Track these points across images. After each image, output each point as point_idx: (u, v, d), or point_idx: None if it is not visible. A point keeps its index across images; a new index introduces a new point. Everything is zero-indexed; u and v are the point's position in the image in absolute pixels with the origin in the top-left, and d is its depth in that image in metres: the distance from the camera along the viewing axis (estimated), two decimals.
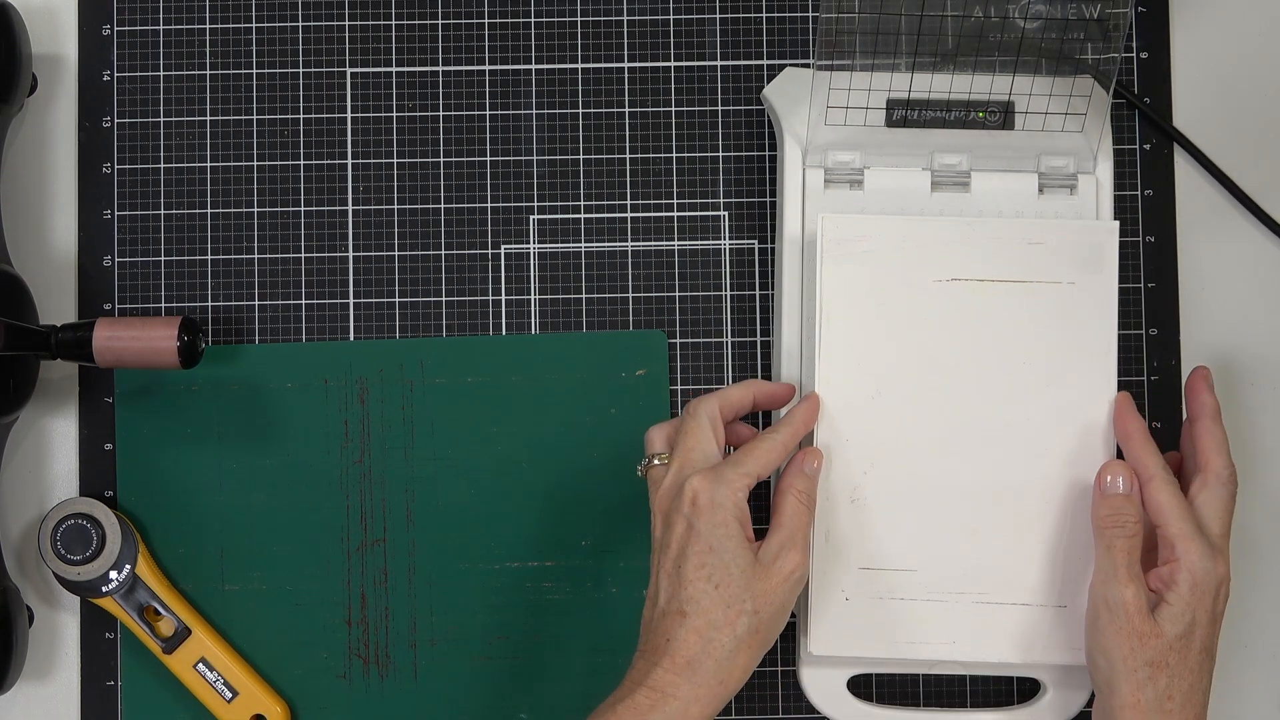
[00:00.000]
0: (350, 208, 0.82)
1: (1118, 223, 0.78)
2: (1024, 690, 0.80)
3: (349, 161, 0.83)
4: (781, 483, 0.74)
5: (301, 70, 0.83)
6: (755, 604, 0.70)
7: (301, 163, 0.82)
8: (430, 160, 0.82)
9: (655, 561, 0.72)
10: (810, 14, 0.83)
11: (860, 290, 0.76)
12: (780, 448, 0.74)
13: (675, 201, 0.82)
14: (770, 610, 0.71)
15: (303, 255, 0.82)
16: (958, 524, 0.76)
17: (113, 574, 0.79)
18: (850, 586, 0.76)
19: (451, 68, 0.83)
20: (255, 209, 0.82)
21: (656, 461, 0.74)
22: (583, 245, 0.82)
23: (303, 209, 0.82)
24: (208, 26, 0.83)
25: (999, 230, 0.77)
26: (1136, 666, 0.70)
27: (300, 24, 0.83)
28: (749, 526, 0.72)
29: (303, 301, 0.82)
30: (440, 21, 0.83)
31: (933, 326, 0.76)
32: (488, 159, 0.83)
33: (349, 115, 0.83)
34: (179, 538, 0.81)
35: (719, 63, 0.83)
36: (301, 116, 0.83)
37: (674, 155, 0.83)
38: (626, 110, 0.83)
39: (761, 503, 0.75)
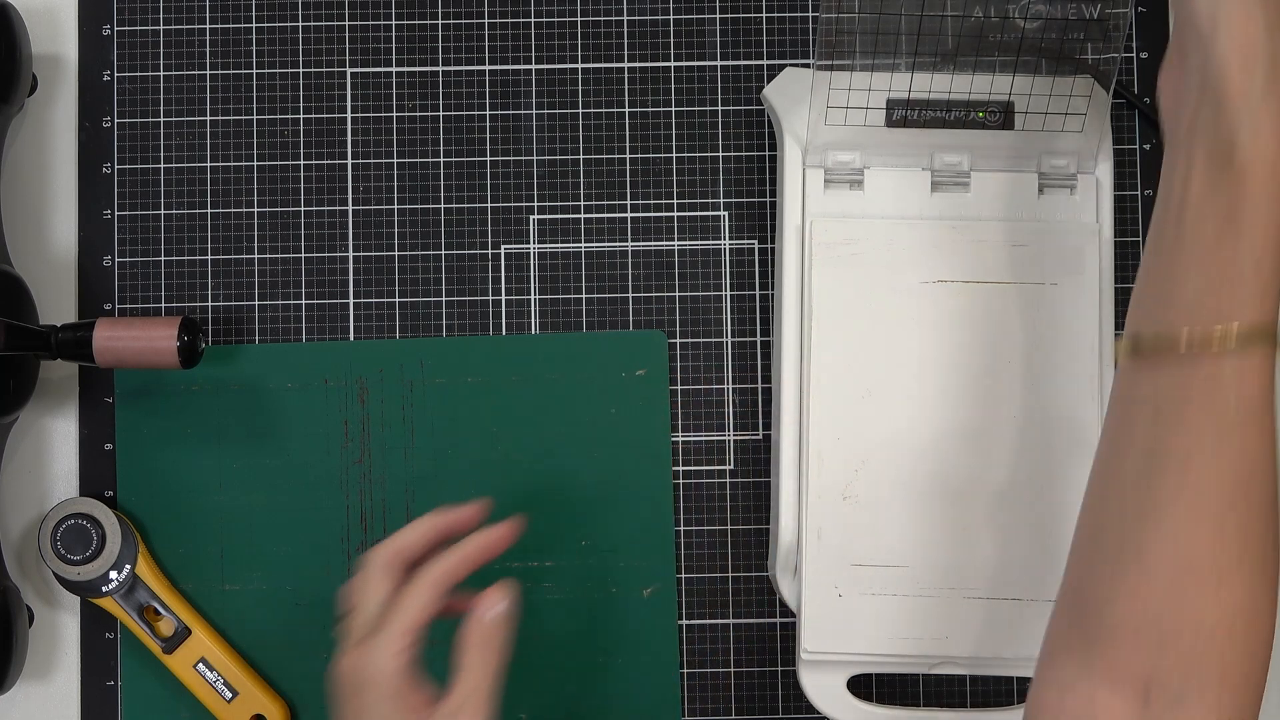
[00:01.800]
0: (350, 208, 0.82)
1: (1099, 225, 0.78)
2: (1024, 690, 0.80)
3: (349, 161, 0.83)
4: (461, 636, 0.67)
5: (301, 70, 0.83)
6: None
7: (301, 163, 0.82)
8: (430, 160, 0.82)
9: None
10: (810, 14, 0.83)
11: (849, 292, 0.77)
12: (429, 590, 0.66)
13: (675, 201, 0.82)
14: None
15: (303, 255, 0.82)
16: (948, 521, 0.77)
17: (113, 574, 0.79)
18: (843, 583, 0.76)
19: (451, 68, 0.83)
20: (255, 209, 0.82)
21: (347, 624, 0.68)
22: (583, 245, 0.82)
23: (303, 209, 0.82)
24: (208, 26, 0.83)
25: (983, 233, 0.77)
26: None
27: (300, 24, 0.83)
28: (413, 692, 0.65)
29: (303, 301, 0.82)
30: (440, 21, 0.83)
31: (920, 327, 0.77)
32: (488, 159, 0.83)
33: (349, 115, 0.83)
34: (179, 538, 0.81)
35: (719, 63, 0.83)
36: (301, 116, 0.83)
37: (674, 155, 0.83)
38: (626, 110, 0.83)
39: None
